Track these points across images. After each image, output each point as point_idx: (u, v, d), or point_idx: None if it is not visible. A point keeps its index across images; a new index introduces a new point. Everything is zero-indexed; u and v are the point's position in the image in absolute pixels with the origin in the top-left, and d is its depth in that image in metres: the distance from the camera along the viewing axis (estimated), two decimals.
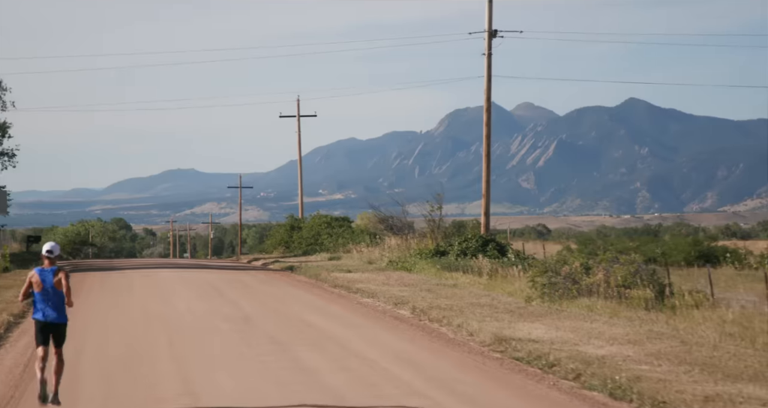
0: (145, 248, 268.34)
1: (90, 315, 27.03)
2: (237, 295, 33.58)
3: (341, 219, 75.16)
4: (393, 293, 32.72)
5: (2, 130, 66.41)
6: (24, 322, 26.53)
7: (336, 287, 37.62)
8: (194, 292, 35.43)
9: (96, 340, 21.95)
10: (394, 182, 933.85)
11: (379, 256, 50.43)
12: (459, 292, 32.57)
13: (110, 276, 44.84)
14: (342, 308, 29.40)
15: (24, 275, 42.89)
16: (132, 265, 58.52)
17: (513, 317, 25.32)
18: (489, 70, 47.72)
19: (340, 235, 68.32)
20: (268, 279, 43.21)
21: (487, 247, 42.78)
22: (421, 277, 40.02)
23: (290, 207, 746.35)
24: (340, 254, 61.67)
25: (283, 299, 32.26)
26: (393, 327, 24.58)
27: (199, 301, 31.29)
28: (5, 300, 31.61)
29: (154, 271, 50.19)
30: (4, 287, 37.18)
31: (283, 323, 25.16)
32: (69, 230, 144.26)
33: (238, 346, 21.00)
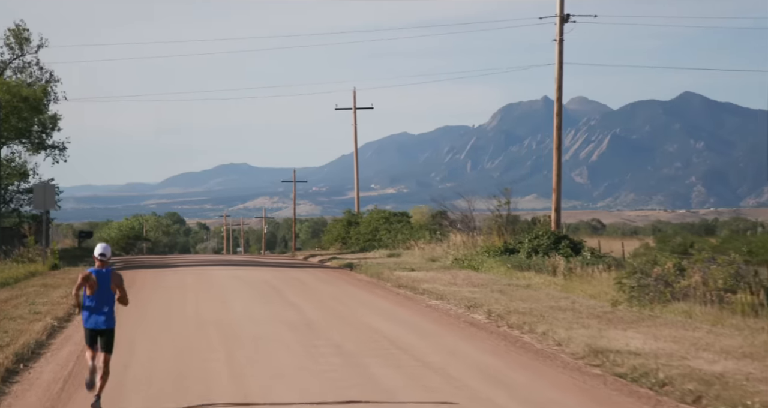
0: (199, 242, 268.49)
1: (139, 321, 24.98)
2: (297, 297, 31.44)
3: (400, 214, 72.88)
4: (463, 295, 30.44)
5: (53, 122, 64.69)
6: (69, 327, 24.54)
7: (400, 287, 35.42)
8: (251, 292, 33.36)
9: (144, 353, 19.84)
10: (446, 177, 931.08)
11: (443, 253, 48.14)
12: (534, 294, 30.21)
13: (162, 274, 42.93)
14: (410, 312, 27.16)
15: (74, 273, 41.04)
16: (185, 262, 56.66)
17: (602, 324, 22.95)
18: (560, 57, 45.26)
19: (399, 231, 66.11)
20: (327, 278, 41.09)
21: (560, 244, 40.35)
22: (490, 276, 37.71)
23: (342, 201, 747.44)
24: (399, 251, 59.49)
25: (346, 301, 30.09)
26: (470, 335, 22.29)
27: (258, 304, 29.18)
28: (51, 301, 29.67)
29: (208, 268, 48.24)
30: (51, 286, 35.28)
31: (349, 330, 22.95)
32: (123, 224, 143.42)
33: (303, 359, 18.80)
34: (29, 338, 21.35)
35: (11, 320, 24.71)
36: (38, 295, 31.69)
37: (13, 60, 66.57)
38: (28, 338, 21.33)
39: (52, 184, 53.42)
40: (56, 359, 19.45)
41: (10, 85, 59.87)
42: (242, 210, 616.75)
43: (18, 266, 42.62)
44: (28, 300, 30.10)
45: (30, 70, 66.78)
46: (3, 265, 43.18)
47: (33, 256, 44.84)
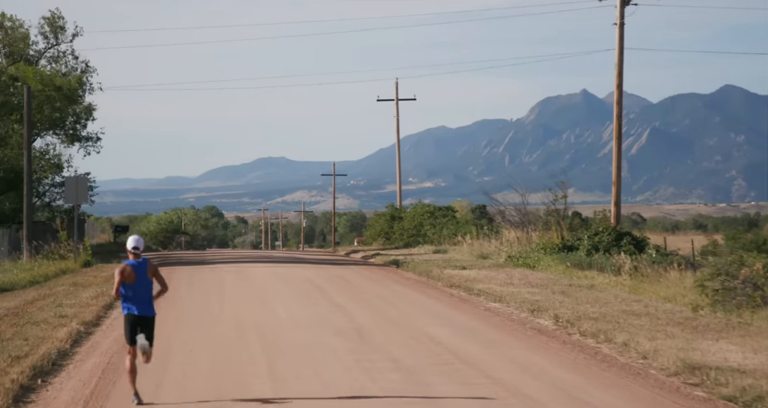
0: (237, 236, 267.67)
1: (175, 326, 22.80)
2: (343, 297, 29.17)
3: (445, 208, 70.40)
4: (523, 296, 28.07)
5: (87, 113, 62.72)
6: (96, 332, 22.42)
7: (452, 287, 33.09)
8: (294, 292, 31.12)
9: (178, 367, 17.64)
10: (484, 170, 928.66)
11: (495, 250, 45.71)
12: (601, 296, 27.79)
13: (200, 271, 40.79)
14: (468, 316, 24.81)
15: (107, 271, 38.95)
16: (223, 259, 54.55)
17: (687, 332, 20.52)
18: (621, 42, 42.65)
19: (444, 226, 63.75)
20: (373, 276, 38.80)
21: (622, 241, 37.82)
22: (548, 275, 35.28)
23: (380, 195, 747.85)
24: (445, 247, 57.16)
25: (396, 303, 27.78)
26: (540, 345, 19.92)
27: (301, 306, 26.93)
28: (80, 302, 27.54)
29: (247, 265, 46.06)
30: (82, 285, 33.20)
31: (404, 339, 20.65)
32: (162, 218, 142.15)
33: (356, 374, 16.52)
34: (51, 347, 19.23)
35: (34, 325, 22.63)
36: (67, 296, 29.64)
37: (48, 49, 64.72)
38: (49, 347, 19.21)
39: (85, 177, 51.54)
40: (79, 373, 17.27)
41: (44, 75, 57.98)
42: (280, 204, 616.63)
43: (49, 263, 40.65)
44: (56, 301, 28.05)
45: (65, 59, 64.92)
46: (33, 262, 41.22)
47: (65, 252, 42.82)
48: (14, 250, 44.21)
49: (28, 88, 44.64)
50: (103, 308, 26.78)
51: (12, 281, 34.40)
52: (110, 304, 28.18)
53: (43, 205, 62.77)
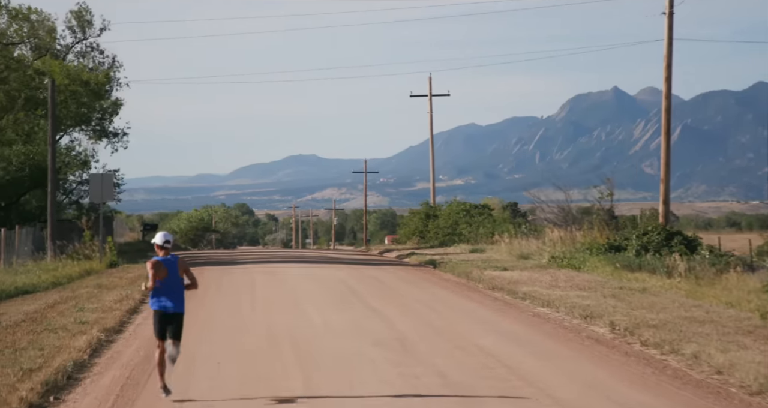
0: (267, 234, 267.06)
1: (200, 331, 21.20)
2: (380, 301, 27.50)
3: (481, 206, 68.58)
4: (572, 301, 26.32)
5: (114, 109, 61.30)
6: (118, 340, 20.87)
7: (494, 290, 31.38)
8: (328, 295, 29.47)
9: (205, 382, 16.03)
10: (514, 168, 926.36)
11: (537, 249, 43.91)
12: (657, 301, 25.98)
13: (229, 272, 39.19)
14: (517, 324, 23.08)
15: (133, 271, 37.48)
16: (254, 258, 52.99)
17: (760, 343, 18.70)
18: (670, 32, 40.87)
19: (481, 224, 61.98)
20: (410, 277, 37.12)
21: (672, 241, 35.96)
22: (595, 277, 33.47)
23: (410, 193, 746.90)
24: (482, 246, 55.45)
25: (437, 308, 26.08)
26: (601, 357, 18.17)
27: (337, 311, 25.27)
28: (103, 307, 26.01)
29: (278, 266, 44.46)
30: (106, 287, 31.69)
31: (450, 349, 18.96)
32: (192, 216, 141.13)
33: (401, 390, 14.83)
34: (67, 358, 17.66)
35: (52, 332, 21.09)
36: (89, 299, 28.14)
37: (75, 44, 63.35)
38: (66, 358, 17.64)
39: (111, 173, 50.07)
40: (96, 389, 15.67)
41: (70, 69, 56.58)
42: (310, 201, 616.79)
43: (73, 264, 39.17)
44: (78, 305, 26.53)
45: (92, 54, 63.55)
46: (57, 263, 39.76)
47: (90, 252, 41.33)
48: (38, 250, 42.78)
49: (52, 82, 43.18)
50: (126, 313, 25.26)
51: (34, 283, 32.95)
52: (135, 308, 26.69)
53: (71, 202, 61.43)
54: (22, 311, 25.48)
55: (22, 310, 25.63)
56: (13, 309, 26.28)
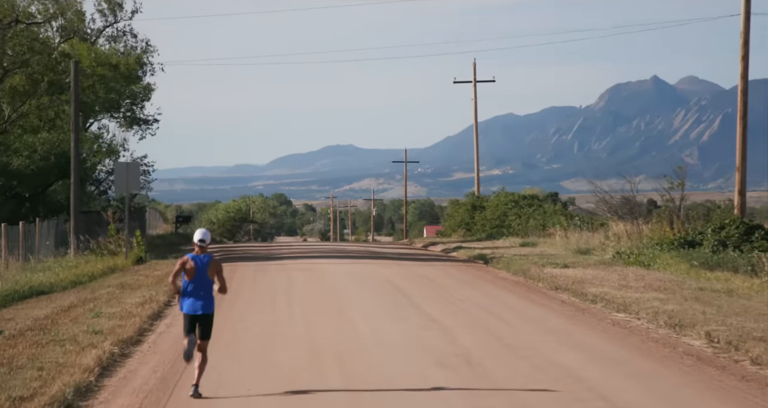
0: (305, 224, 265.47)
1: (229, 346, 18.16)
2: (434, 306, 24.35)
3: (530, 197, 65.16)
4: (651, 305, 23.09)
5: (145, 93, 58.43)
6: (134, 356, 17.89)
7: (558, 290, 28.22)
8: (374, 298, 26.36)
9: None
10: (553, 158, 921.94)
11: (599, 244, 40.57)
12: (751, 306, 22.69)
13: (265, 269, 36.10)
14: (597, 334, 19.85)
15: (160, 269, 34.56)
16: (291, 253, 49.95)
17: None
18: (747, 7, 37.46)
19: (531, 216, 58.68)
20: (461, 275, 33.94)
21: (753, 235, 32.58)
22: (668, 276, 30.17)
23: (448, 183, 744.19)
24: (533, 239, 52.17)
25: (500, 314, 22.90)
26: (712, 382, 14.92)
27: (386, 318, 22.13)
28: (122, 311, 23.02)
29: (318, 261, 41.34)
30: (129, 287, 28.74)
31: (529, 370, 15.79)
32: (230, 206, 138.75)
33: None
34: (69, 381, 14.65)
35: (58, 345, 18.14)
36: (109, 301, 25.19)
37: (106, 28, 60.55)
38: (67, 381, 14.63)
39: (137, 162, 47.18)
40: None
41: (99, 52, 53.74)
42: (348, 191, 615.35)
43: (96, 260, 36.26)
44: (94, 308, 23.58)
45: (124, 39, 60.74)
46: (79, 259, 36.85)
47: (115, 247, 38.37)
48: (62, 245, 39.86)
49: (75, 63, 40.15)
50: (148, 319, 22.26)
51: (52, 282, 29.99)
52: (158, 312, 23.71)
53: (100, 192, 58.64)
54: (31, 316, 22.56)
55: (32, 315, 22.72)
56: (22, 314, 23.37)
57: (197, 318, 14.28)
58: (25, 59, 42.89)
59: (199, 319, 14.29)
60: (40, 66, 43.58)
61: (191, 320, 14.28)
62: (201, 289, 14.24)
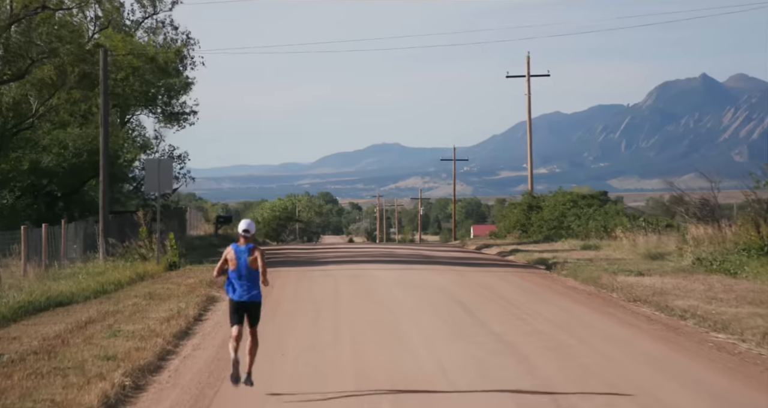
0: (351, 223, 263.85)
1: (267, 378, 15.06)
2: (502, 324, 21.13)
3: (590, 197, 61.65)
4: (754, 323, 19.87)
5: (184, 87, 55.59)
6: (149, 390, 14.93)
7: (636, 302, 24.98)
8: (432, 313, 23.15)
9: None
10: (600, 156, 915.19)
11: (675, 249, 37.12)
12: None
13: (308, 275, 32.97)
14: (703, 365, 16.52)
15: (194, 275, 31.62)
16: (337, 257, 46.85)
17: None
18: None
19: (591, 217, 55.29)
20: (525, 284, 30.71)
21: None
22: (759, 286, 26.80)
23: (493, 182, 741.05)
24: (594, 242, 48.85)
25: (581, 335, 19.60)
26: None
27: (450, 340, 18.92)
28: (145, 329, 20.06)
29: (366, 267, 38.05)
30: (157, 298, 25.78)
31: None
32: (276, 205, 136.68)
33: None
34: None
35: (61, 375, 15.24)
36: (132, 316, 22.24)
37: (145, 19, 57.84)
38: None
39: (169, 159, 44.28)
40: None
41: (134, 43, 50.92)
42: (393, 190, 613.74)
43: (125, 265, 33.32)
44: (113, 325, 20.66)
45: (164, 30, 58.01)
46: (108, 264, 33.93)
47: (147, 251, 35.37)
48: (90, 249, 36.93)
49: (104, 51, 37.15)
50: (173, 338, 19.27)
51: (73, 291, 27.05)
52: (186, 329, 20.74)
53: (137, 191, 55.86)
54: (40, 335, 19.65)
55: (41, 334, 19.81)
56: (31, 331, 20.46)
57: (244, 306, 14.08)
58: (53, 48, 40.01)
59: (247, 307, 14.09)
60: (70, 56, 40.69)
61: (238, 308, 14.08)
62: (245, 278, 14.07)
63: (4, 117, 43.37)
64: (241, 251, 14.12)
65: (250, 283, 14.09)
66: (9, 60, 40.06)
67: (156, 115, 57.50)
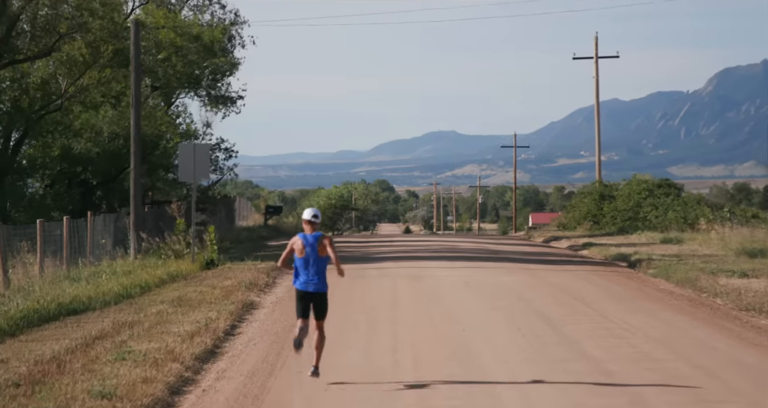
0: (408, 211, 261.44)
1: None
2: (596, 345, 17.13)
3: (666, 185, 57.26)
4: None
5: (231, 68, 51.97)
6: None
7: (750, 312, 20.99)
8: (509, 328, 19.12)
9: None
10: (659, 144, 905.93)
11: None
12: None
13: (362, 275, 28.99)
14: None
15: (234, 276, 27.91)
16: (392, 251, 43.04)
17: None
18: None
19: (670, 207, 51.07)
20: (610, 286, 26.70)
21: None
22: None
23: (550, 169, 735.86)
24: (675, 234, 44.73)
25: (702, 362, 15.54)
26: None
27: (534, 365, 14.96)
28: (161, 350, 16.47)
29: (426, 264, 34.07)
30: (186, 305, 22.13)
31: None
32: (332, 192, 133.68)
33: None
34: None
35: None
36: (151, 329, 18.63)
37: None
38: None
39: (206, 144, 40.43)
40: None
41: (178, 21, 47.35)
42: (450, 177, 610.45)
43: (158, 264, 29.67)
44: (125, 343, 17.13)
45: (211, 8, 54.39)
46: (137, 262, 30.30)
47: (182, 247, 31.64)
48: (121, 244, 33.30)
49: (135, 23, 33.31)
50: (194, 362, 15.65)
51: (90, 296, 23.42)
52: (211, 349, 17.12)
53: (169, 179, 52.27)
54: (34, 356, 16.08)
55: (36, 354, 16.24)
56: (26, 349, 16.90)
57: (310, 297, 13.83)
58: (83, 22, 36.41)
59: (313, 298, 13.84)
60: (102, 32, 37.10)
61: (303, 299, 13.87)
62: (312, 267, 13.77)
63: (31, 98, 39.98)
64: (308, 240, 13.80)
65: (316, 273, 13.79)
66: (36, 35, 36.48)
67: (201, 98, 54.01)
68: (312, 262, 13.75)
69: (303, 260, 13.76)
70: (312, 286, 13.78)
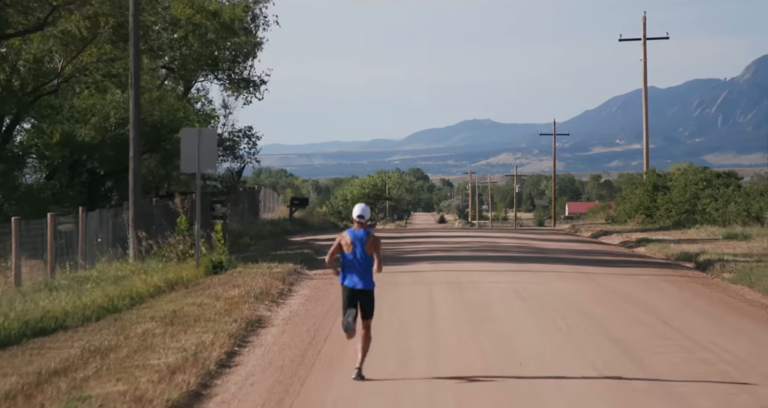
0: (442, 200, 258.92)
1: None
2: (700, 389, 13.07)
3: (725, 175, 52.94)
4: None
5: (252, 49, 48.03)
6: None
7: None
8: (578, 361, 15.00)
9: None
10: (695, 132, 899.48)
11: None
12: None
13: (394, 281, 24.83)
14: None
15: (244, 283, 23.86)
16: (427, 249, 39.05)
17: None
18: None
19: (731, 199, 46.84)
20: (687, 297, 22.56)
21: None
22: None
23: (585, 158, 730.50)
24: (739, 228, 40.64)
25: None
26: None
27: None
28: (127, 394, 12.49)
29: (466, 267, 29.95)
30: (180, 322, 18.22)
31: None
32: (365, 181, 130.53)
33: None
34: None
35: None
36: (126, 360, 14.78)
37: None
38: None
39: (212, 129, 36.48)
40: None
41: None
42: (485, 166, 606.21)
43: (157, 267, 25.73)
44: (90, 380, 13.29)
45: None
46: (136, 266, 26.38)
47: (185, 248, 27.69)
48: (120, 243, 29.36)
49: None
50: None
51: (67, 310, 19.48)
52: (196, 391, 13.12)
53: None
54: None
55: None
56: None
57: (357, 294, 13.63)
58: None
59: (360, 295, 13.64)
60: (103, 5, 33.20)
61: (351, 296, 13.65)
62: (360, 264, 13.63)
63: (23, 79, 36.08)
64: (357, 236, 13.66)
65: (364, 270, 13.64)
66: (27, 7, 32.45)
67: (221, 82, 50.14)
68: (360, 259, 13.60)
69: (351, 257, 13.62)
70: (361, 284, 13.59)
